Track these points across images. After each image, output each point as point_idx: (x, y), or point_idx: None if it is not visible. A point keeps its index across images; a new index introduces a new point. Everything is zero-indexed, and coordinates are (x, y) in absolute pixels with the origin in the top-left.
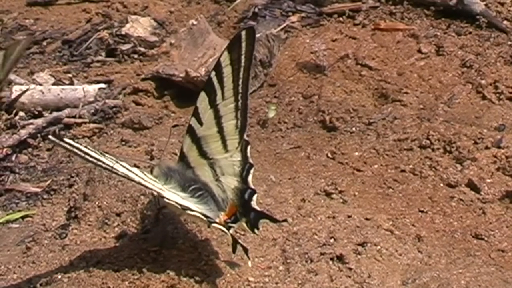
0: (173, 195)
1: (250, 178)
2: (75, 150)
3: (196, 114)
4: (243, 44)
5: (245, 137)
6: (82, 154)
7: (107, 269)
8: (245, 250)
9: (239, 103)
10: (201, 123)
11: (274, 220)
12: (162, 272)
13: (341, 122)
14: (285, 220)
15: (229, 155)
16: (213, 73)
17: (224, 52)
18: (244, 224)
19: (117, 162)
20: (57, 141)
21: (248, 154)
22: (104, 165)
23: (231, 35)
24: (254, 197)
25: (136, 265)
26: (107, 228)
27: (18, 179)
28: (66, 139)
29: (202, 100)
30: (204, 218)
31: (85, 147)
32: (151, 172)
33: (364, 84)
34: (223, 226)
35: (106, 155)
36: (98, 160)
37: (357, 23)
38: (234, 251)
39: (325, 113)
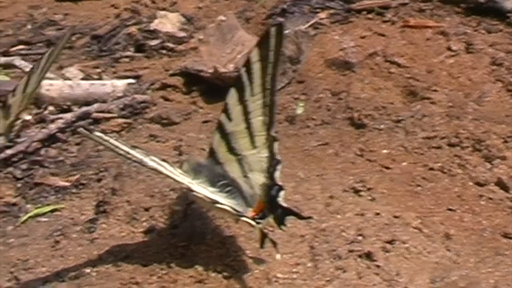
0: (202, 189)
1: (277, 174)
2: (105, 143)
3: (225, 110)
4: (272, 41)
5: (272, 133)
6: (112, 147)
7: (136, 263)
8: (274, 244)
9: (267, 99)
10: (230, 119)
11: (301, 217)
12: (190, 267)
13: (370, 119)
14: (310, 217)
15: (257, 151)
16: (243, 69)
17: (254, 49)
18: (272, 221)
19: (147, 155)
20: (88, 134)
21: (275, 151)
22: (134, 158)
23: (259, 31)
24: (281, 194)
25: (164, 260)
26: (136, 223)
27: (47, 173)
28: (96, 132)
29: (232, 96)
30: (233, 212)
31: (115, 140)
32: (180, 167)
33: (393, 81)
34: (252, 220)
35: (137, 148)
36: (128, 153)
37: (386, 20)
38: (262, 246)
39: (353, 110)
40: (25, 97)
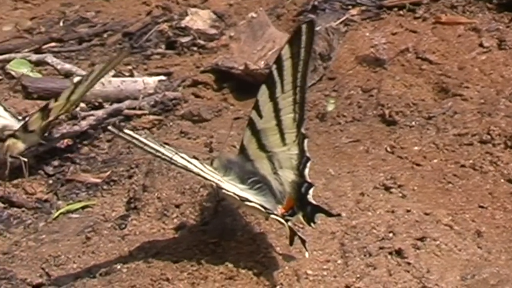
0: (232, 187)
1: (306, 171)
2: (134, 141)
3: (256, 107)
4: (303, 38)
5: (302, 130)
6: (141, 145)
7: (166, 260)
8: (303, 242)
9: (298, 96)
10: (261, 116)
11: (330, 214)
12: (221, 264)
13: (401, 116)
14: (339, 215)
15: (286, 148)
16: (274, 66)
17: (285, 46)
18: (301, 218)
19: (176, 153)
20: (117, 132)
21: (305, 148)
22: (163, 156)
23: (290, 28)
24: (311, 191)
25: (194, 257)
26: (166, 220)
27: (79, 170)
28: (126, 130)
29: (263, 93)
30: (263, 210)
31: (145, 138)
32: (211, 164)
33: (424, 78)
34: (281, 217)
35: (166, 146)
36: (157, 151)
37: (418, 16)
38: (291, 243)
39: (384, 107)
40: (67, 103)
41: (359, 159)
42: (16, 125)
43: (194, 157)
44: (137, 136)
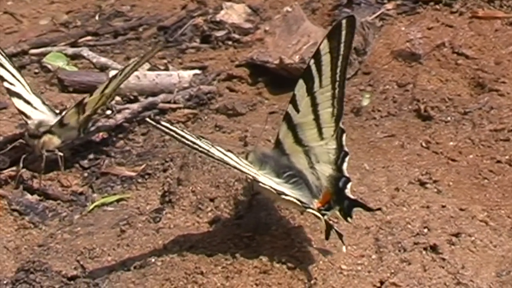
0: (268, 180)
1: (345, 166)
2: (171, 133)
3: (293, 101)
4: (343, 33)
5: (340, 125)
6: (179, 137)
7: (200, 253)
8: (340, 236)
9: (336, 91)
10: (298, 110)
11: (368, 209)
12: (255, 258)
13: (436, 111)
14: (379, 209)
15: (324, 142)
16: (312, 61)
17: (324, 40)
18: (338, 212)
19: (212, 146)
20: (154, 124)
21: (343, 142)
22: (200, 149)
23: (325, 22)
24: (349, 185)
25: (229, 250)
26: (201, 213)
27: (114, 163)
28: (163, 122)
29: (300, 87)
30: (299, 203)
31: (182, 130)
32: (246, 158)
33: (460, 73)
34: (317, 212)
35: (202, 139)
36: (194, 143)
37: (454, 11)
38: (327, 237)
39: (420, 102)
40: (102, 97)
41: (394, 154)
42: (52, 119)
43: (229, 151)
44: (174, 128)
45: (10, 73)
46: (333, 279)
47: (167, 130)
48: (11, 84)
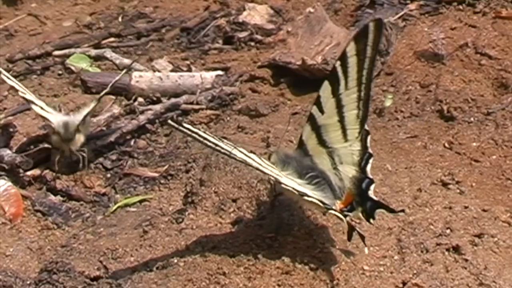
0: (290, 181)
1: (369, 167)
2: (193, 135)
3: (318, 103)
4: (370, 36)
5: (365, 127)
6: (201, 139)
7: (223, 254)
8: (362, 237)
9: (362, 93)
10: (322, 112)
11: (391, 210)
12: (277, 258)
13: (459, 111)
14: (403, 211)
15: (348, 144)
16: (338, 63)
17: (351, 43)
18: (360, 214)
19: (235, 147)
20: (176, 125)
21: (368, 144)
22: (222, 150)
23: (348, 23)
24: (372, 187)
25: (251, 251)
26: (223, 214)
27: (137, 164)
28: (185, 124)
29: (325, 89)
30: (321, 205)
31: (204, 132)
32: (269, 159)
33: (484, 73)
34: (340, 213)
35: (224, 140)
36: (216, 145)
37: (477, 11)
38: (349, 239)
39: (442, 103)
40: None
41: (417, 154)
42: (70, 118)
43: (252, 152)
44: (196, 130)
45: (16, 83)
46: (355, 280)
47: (189, 132)
48: (23, 92)
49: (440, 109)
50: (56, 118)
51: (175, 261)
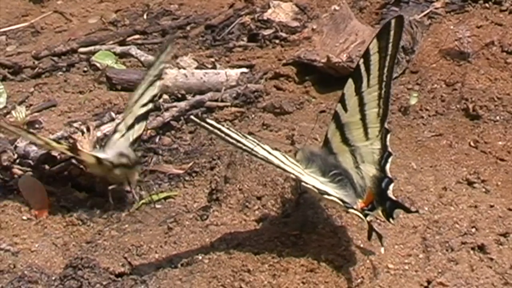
0: (312, 179)
1: (388, 166)
2: (216, 131)
3: (342, 101)
4: (392, 33)
5: (385, 125)
6: (223, 135)
7: (247, 251)
8: (380, 237)
9: (383, 91)
10: (346, 110)
11: (409, 211)
12: (302, 256)
13: (485, 110)
14: (417, 211)
15: (369, 143)
16: (361, 60)
17: (373, 40)
18: (380, 213)
19: (258, 144)
20: (199, 121)
21: (387, 143)
22: (244, 147)
23: (373, 21)
24: (391, 186)
25: (276, 249)
26: (248, 211)
27: (161, 161)
28: (208, 120)
29: (349, 86)
30: (341, 203)
31: (227, 128)
32: (294, 156)
33: (510, 72)
34: (360, 212)
35: (248, 137)
36: (239, 141)
37: (504, 9)
38: (369, 238)
39: (468, 101)
40: None
41: (442, 153)
42: (120, 144)
43: (276, 149)
44: (219, 126)
45: None
46: (380, 278)
47: (211, 128)
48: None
49: (466, 107)
50: (108, 153)
51: (200, 258)
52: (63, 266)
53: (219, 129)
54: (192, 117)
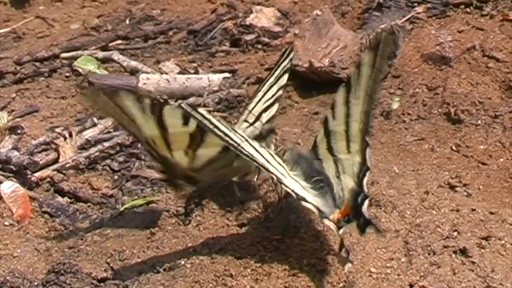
0: (294, 183)
1: (365, 181)
2: (205, 121)
3: (333, 107)
4: (381, 47)
5: (367, 139)
6: (211, 127)
7: (230, 256)
8: (348, 253)
9: (366, 105)
10: (334, 117)
11: (378, 230)
12: (284, 260)
13: (467, 114)
14: (386, 231)
15: (350, 156)
16: (355, 70)
17: (367, 51)
18: (355, 226)
19: (246, 140)
20: (190, 110)
21: (367, 157)
22: (230, 141)
23: (355, 25)
24: (366, 202)
25: (258, 253)
26: (230, 216)
27: (144, 166)
28: (199, 109)
29: (340, 94)
30: (316, 212)
31: (218, 120)
32: (283, 155)
33: (491, 76)
34: (335, 224)
35: (238, 132)
36: (226, 135)
37: (485, 14)
38: (340, 250)
39: (450, 105)
40: None
41: (424, 157)
42: None
43: (263, 147)
44: (209, 116)
45: None
46: (362, 282)
47: (201, 118)
48: None
49: (448, 112)
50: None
51: (182, 262)
52: (45, 271)
53: (208, 120)
54: (183, 105)
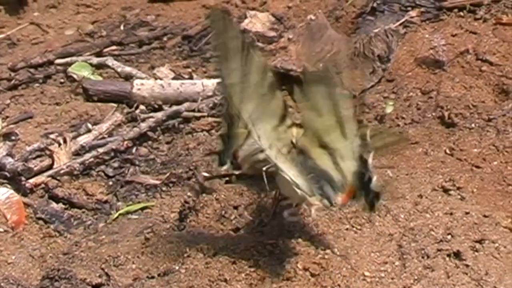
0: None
1: (370, 160)
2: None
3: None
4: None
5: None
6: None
7: (224, 261)
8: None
9: None
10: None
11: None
12: (278, 265)
13: (460, 118)
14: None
15: (348, 142)
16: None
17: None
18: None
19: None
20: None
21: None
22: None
23: (349, 30)
24: (374, 178)
25: (252, 258)
26: (224, 221)
27: (138, 171)
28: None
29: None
30: (319, 201)
31: None
32: None
33: (484, 79)
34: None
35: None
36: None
37: (478, 17)
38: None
39: (443, 109)
40: None
41: (418, 161)
42: None
43: None
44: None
45: None
46: (356, 286)
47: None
48: None
49: (441, 115)
50: None
51: (177, 267)
52: (40, 277)
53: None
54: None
